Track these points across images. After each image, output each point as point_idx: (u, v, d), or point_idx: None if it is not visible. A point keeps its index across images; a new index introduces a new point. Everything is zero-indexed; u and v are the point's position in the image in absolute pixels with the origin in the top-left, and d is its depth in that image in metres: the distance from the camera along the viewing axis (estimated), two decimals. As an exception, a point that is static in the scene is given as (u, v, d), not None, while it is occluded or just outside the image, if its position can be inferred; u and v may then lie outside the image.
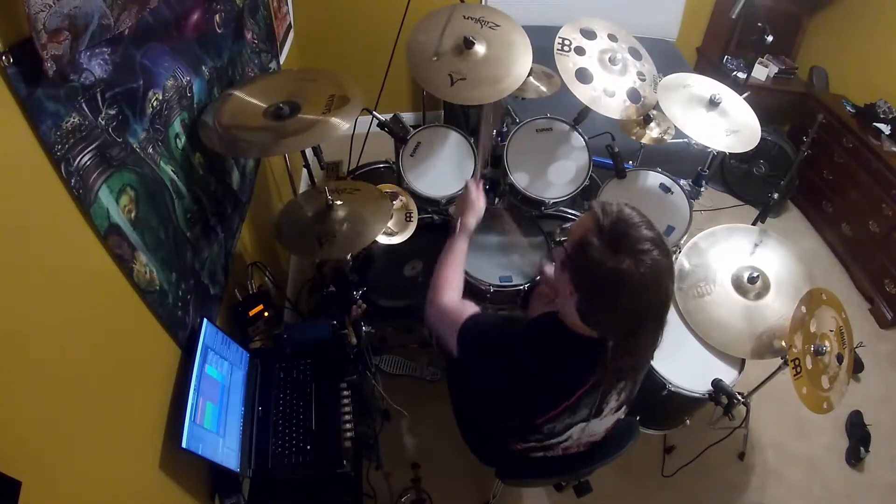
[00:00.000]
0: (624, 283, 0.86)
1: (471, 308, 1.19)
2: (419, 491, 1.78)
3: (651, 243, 0.87)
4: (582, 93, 1.62)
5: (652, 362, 1.64)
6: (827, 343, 1.53)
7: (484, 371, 1.16)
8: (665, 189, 1.87)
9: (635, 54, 1.76)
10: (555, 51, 1.64)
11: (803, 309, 1.53)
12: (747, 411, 1.94)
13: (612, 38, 1.74)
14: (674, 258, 1.90)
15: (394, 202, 1.68)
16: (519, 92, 1.82)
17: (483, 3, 3.03)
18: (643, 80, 1.72)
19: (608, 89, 1.66)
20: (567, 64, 1.63)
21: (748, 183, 3.14)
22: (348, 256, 1.59)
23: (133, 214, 1.01)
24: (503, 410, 1.19)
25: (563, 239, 0.99)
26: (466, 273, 1.76)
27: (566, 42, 1.65)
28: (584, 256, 0.89)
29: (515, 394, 1.09)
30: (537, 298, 1.59)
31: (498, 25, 1.67)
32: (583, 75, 1.65)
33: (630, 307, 0.90)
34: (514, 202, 1.88)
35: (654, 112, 1.76)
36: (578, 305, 0.94)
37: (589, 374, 1.01)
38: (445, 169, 1.87)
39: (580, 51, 1.67)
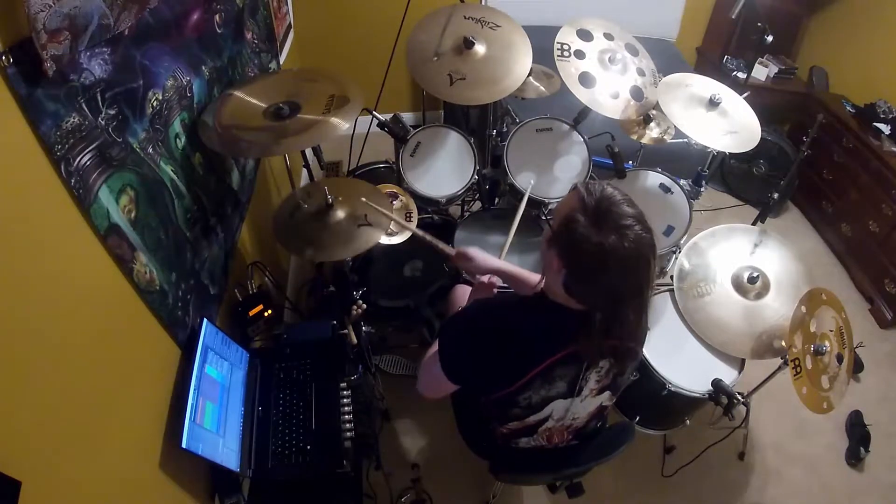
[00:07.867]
0: (609, 257, 0.90)
1: None
2: (419, 491, 1.78)
3: (633, 219, 0.92)
4: (587, 97, 1.63)
5: (652, 362, 1.66)
6: (827, 343, 1.52)
7: (466, 340, 1.15)
8: (665, 189, 1.87)
9: (632, 51, 1.76)
10: (555, 58, 1.64)
11: (803, 309, 1.53)
12: (747, 411, 1.94)
13: (608, 36, 1.74)
14: (674, 258, 1.90)
15: (394, 202, 1.68)
16: (519, 92, 1.82)
17: (483, 3, 3.03)
18: (643, 76, 1.72)
19: (612, 91, 1.66)
20: (569, 69, 1.64)
21: (748, 183, 3.14)
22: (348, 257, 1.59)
23: (133, 214, 1.01)
24: (483, 380, 1.18)
25: (548, 217, 1.03)
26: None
27: (565, 47, 1.66)
28: (571, 233, 0.93)
29: (493, 356, 1.09)
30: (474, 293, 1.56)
31: (498, 26, 1.67)
32: (586, 79, 1.65)
33: (615, 280, 0.94)
34: (514, 202, 1.88)
35: (654, 112, 1.76)
36: (565, 280, 0.98)
37: (566, 344, 1.04)
38: (445, 169, 1.87)
39: (580, 54, 1.67)
